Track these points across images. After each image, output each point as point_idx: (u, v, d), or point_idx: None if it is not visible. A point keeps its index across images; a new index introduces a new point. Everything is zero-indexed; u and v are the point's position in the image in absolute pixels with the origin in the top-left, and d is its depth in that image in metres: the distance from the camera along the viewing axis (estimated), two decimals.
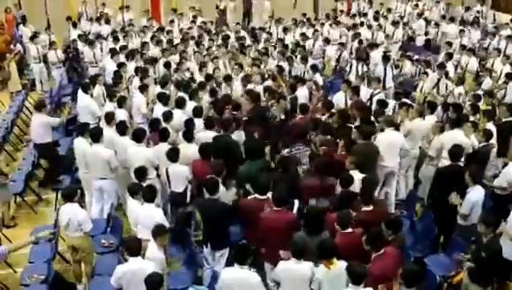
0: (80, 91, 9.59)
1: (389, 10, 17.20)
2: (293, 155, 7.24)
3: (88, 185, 7.66)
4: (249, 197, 6.27)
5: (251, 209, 5.99)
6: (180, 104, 8.59)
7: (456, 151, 6.85)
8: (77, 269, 6.52)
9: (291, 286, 5.13)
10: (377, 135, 7.61)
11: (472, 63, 11.93)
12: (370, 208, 5.86)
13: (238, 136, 7.74)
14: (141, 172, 6.62)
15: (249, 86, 9.82)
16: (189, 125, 7.71)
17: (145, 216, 5.98)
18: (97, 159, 7.25)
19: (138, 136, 7.39)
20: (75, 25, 15.08)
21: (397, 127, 7.85)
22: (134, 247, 5.24)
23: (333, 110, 8.61)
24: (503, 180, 6.82)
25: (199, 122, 8.01)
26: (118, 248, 6.61)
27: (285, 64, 11.32)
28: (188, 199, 7.04)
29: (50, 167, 8.94)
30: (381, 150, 7.45)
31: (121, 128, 7.73)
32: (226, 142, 7.41)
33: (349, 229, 5.42)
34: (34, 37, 12.89)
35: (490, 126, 8.10)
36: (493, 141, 7.72)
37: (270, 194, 6.06)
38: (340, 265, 4.99)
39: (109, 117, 8.02)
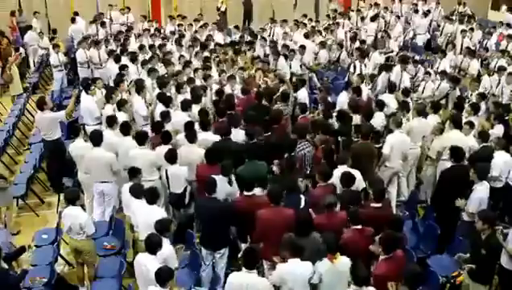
0: (82, 93, 9.61)
1: (391, 12, 17.20)
2: (296, 154, 7.24)
3: (88, 187, 7.66)
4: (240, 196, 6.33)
5: (243, 207, 6.03)
6: (186, 106, 8.57)
7: (458, 151, 6.85)
8: (80, 271, 6.52)
9: (293, 287, 5.09)
10: (388, 137, 7.65)
11: (474, 65, 11.87)
12: (379, 205, 5.90)
13: (235, 135, 7.70)
14: (133, 172, 6.63)
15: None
16: (190, 127, 7.68)
17: (150, 217, 5.88)
18: (99, 162, 7.24)
19: (140, 139, 7.38)
20: (73, 20, 15.11)
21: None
22: (155, 243, 5.19)
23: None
24: (494, 170, 6.97)
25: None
26: (121, 251, 6.61)
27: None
28: (187, 200, 7.05)
29: (55, 167, 8.88)
30: (389, 151, 7.53)
31: (125, 129, 7.73)
32: (228, 146, 7.37)
33: (359, 226, 5.48)
34: (55, 46, 12.78)
35: (499, 127, 8.09)
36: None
37: (256, 190, 6.15)
38: (342, 260, 5.07)
39: (111, 120, 8.02)
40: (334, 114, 8.46)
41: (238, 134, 7.73)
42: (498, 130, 7.98)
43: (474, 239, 5.70)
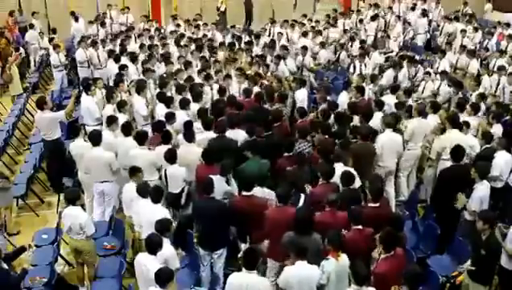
0: (83, 93, 9.60)
1: (392, 11, 17.22)
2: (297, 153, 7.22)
3: (88, 187, 7.66)
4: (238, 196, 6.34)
5: (241, 207, 6.05)
6: (184, 105, 8.59)
7: (458, 150, 6.85)
8: (80, 271, 6.52)
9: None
10: (378, 136, 7.68)
11: (473, 65, 11.87)
12: (377, 205, 5.91)
13: (235, 135, 7.69)
14: (133, 171, 6.64)
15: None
16: (189, 126, 7.70)
17: (154, 216, 5.81)
18: (98, 162, 7.23)
19: (140, 138, 7.38)
20: (77, 19, 15.17)
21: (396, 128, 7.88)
22: (155, 244, 5.19)
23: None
24: (494, 170, 6.94)
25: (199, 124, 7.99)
26: (121, 251, 6.61)
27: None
28: (183, 201, 7.04)
29: (55, 167, 8.87)
30: (381, 150, 7.53)
31: (126, 129, 7.72)
32: (224, 143, 7.39)
33: (360, 226, 5.49)
34: (56, 46, 12.81)
35: (498, 126, 8.08)
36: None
37: (256, 189, 6.15)
38: (344, 257, 5.12)
39: (111, 120, 8.02)
40: (333, 115, 8.43)
41: (238, 134, 7.71)
42: (497, 129, 7.97)
43: (474, 239, 5.70)
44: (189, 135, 7.39)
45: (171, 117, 8.10)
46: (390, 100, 9.07)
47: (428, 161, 8.07)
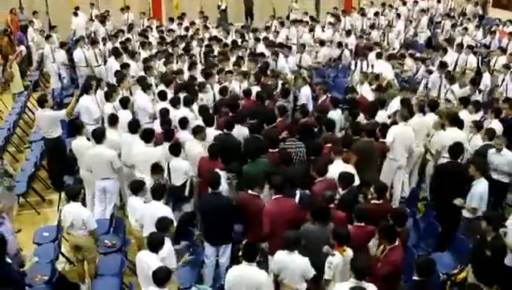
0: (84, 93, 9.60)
1: (390, 6, 17.23)
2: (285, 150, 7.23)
3: (89, 184, 7.65)
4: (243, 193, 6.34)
5: (245, 204, 6.07)
6: (187, 103, 8.62)
7: (455, 148, 6.86)
8: (80, 268, 6.52)
9: (285, 276, 5.19)
10: (391, 128, 7.64)
11: (471, 60, 11.89)
12: (380, 201, 5.95)
13: (238, 133, 7.70)
14: (155, 168, 6.62)
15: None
16: (184, 124, 7.79)
17: (153, 213, 5.83)
18: (101, 159, 7.23)
19: (146, 136, 7.35)
20: (76, 14, 15.22)
21: None
22: (157, 242, 5.19)
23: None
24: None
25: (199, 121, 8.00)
26: (121, 249, 6.61)
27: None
28: (187, 193, 7.03)
29: (56, 165, 8.87)
30: (392, 141, 7.53)
31: (133, 127, 7.73)
32: (228, 141, 7.40)
33: (362, 223, 5.52)
34: (63, 44, 12.86)
35: (496, 123, 8.07)
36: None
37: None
38: (350, 252, 5.17)
39: (113, 119, 8.00)
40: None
41: (242, 131, 7.72)
42: (496, 126, 7.95)
43: (477, 239, 5.69)
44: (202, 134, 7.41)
45: (164, 113, 8.16)
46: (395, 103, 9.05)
47: (427, 154, 8.06)
